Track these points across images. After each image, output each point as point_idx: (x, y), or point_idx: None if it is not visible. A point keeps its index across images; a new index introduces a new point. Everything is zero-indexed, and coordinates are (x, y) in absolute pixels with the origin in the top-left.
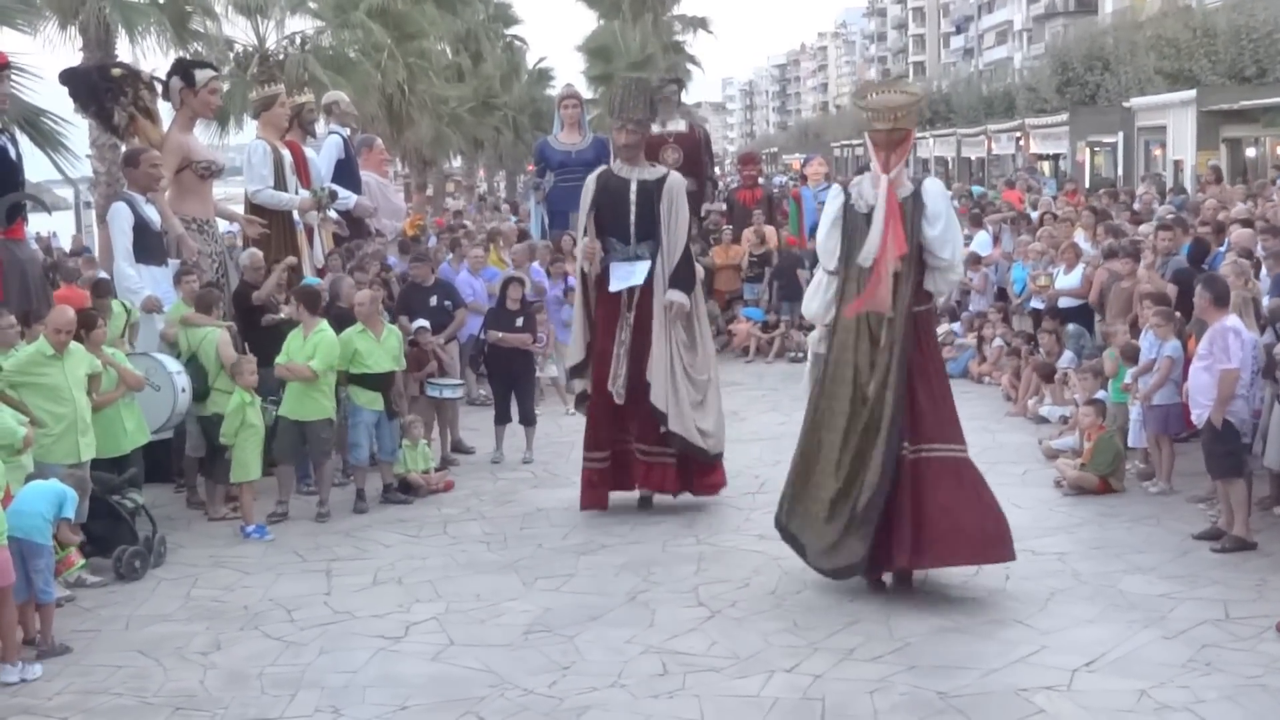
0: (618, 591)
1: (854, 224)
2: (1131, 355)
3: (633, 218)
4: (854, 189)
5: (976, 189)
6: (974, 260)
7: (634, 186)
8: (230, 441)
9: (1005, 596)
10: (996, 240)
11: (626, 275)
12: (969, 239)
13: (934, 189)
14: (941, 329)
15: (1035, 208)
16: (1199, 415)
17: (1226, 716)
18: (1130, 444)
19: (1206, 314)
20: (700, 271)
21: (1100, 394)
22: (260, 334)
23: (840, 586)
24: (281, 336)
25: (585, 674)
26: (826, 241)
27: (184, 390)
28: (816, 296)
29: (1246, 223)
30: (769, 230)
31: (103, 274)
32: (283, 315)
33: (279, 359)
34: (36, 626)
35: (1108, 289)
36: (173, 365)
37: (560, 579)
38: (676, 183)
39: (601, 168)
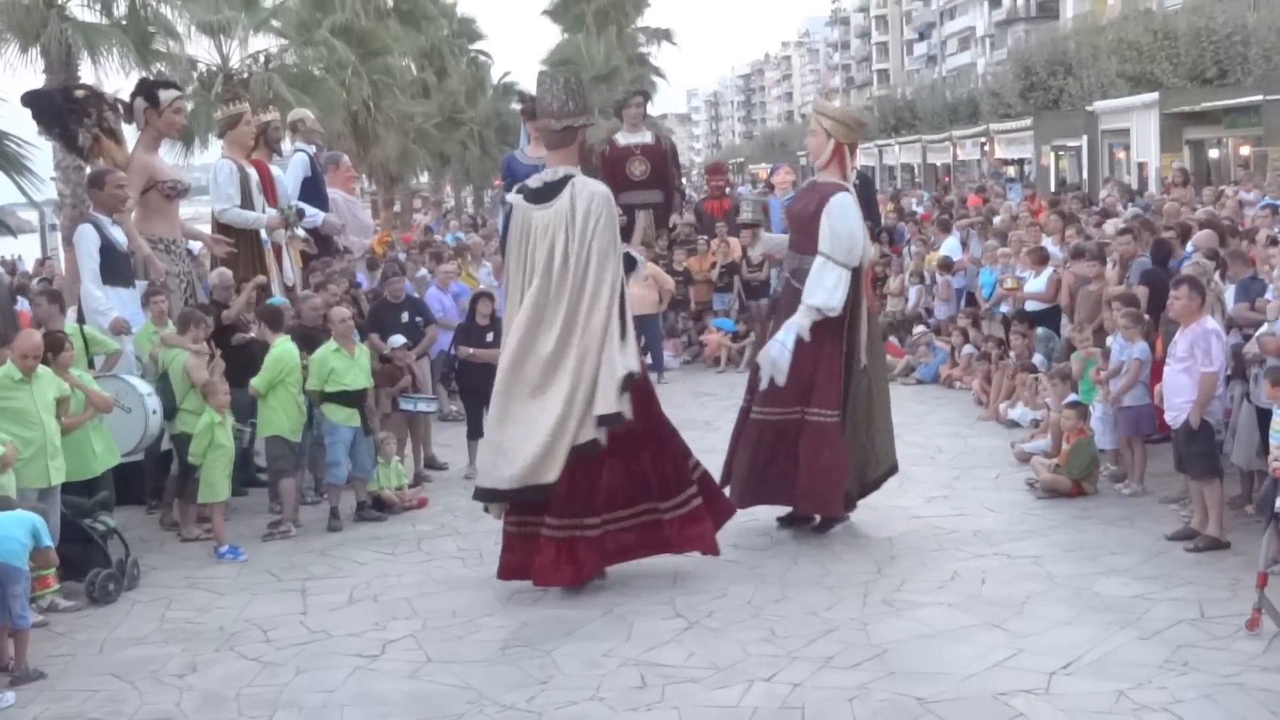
0: (594, 605)
1: None
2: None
3: None
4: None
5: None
6: (944, 265)
7: None
8: (199, 462)
9: (981, 601)
10: (965, 246)
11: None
12: (938, 245)
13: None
14: (918, 330)
15: (996, 213)
16: (1174, 417)
17: (1205, 715)
18: (1099, 446)
19: (1184, 316)
20: (670, 282)
21: (1072, 396)
22: (231, 354)
23: (818, 595)
24: (252, 355)
25: (564, 688)
26: (861, 241)
27: (155, 412)
28: (837, 291)
29: (1208, 224)
30: (733, 241)
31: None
32: (253, 334)
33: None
34: (10, 653)
35: (1075, 291)
36: (144, 387)
37: (536, 594)
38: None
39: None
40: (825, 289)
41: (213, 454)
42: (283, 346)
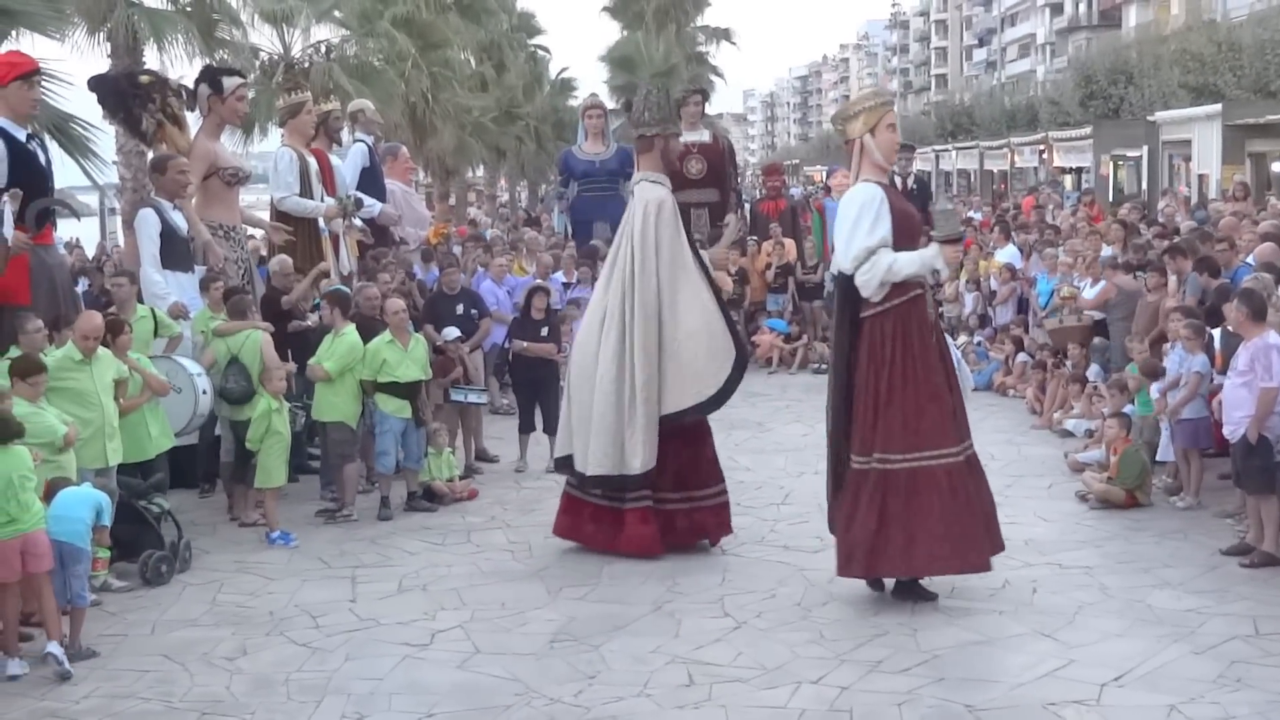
0: (643, 601)
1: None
2: (1152, 373)
3: None
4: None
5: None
6: (1009, 273)
7: None
8: (256, 447)
9: (1032, 610)
10: (1026, 254)
11: None
12: (994, 252)
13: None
14: (960, 340)
15: (1050, 222)
16: (1232, 431)
17: None
18: (1159, 458)
19: (1244, 329)
20: (729, 283)
21: (1128, 408)
22: (287, 340)
23: (866, 598)
24: (308, 343)
25: (611, 684)
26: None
27: (205, 392)
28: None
29: (1269, 236)
30: (788, 242)
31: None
32: (310, 323)
33: (312, 360)
34: (65, 630)
35: (1116, 301)
36: (193, 368)
37: (585, 588)
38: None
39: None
40: (873, 282)
41: (269, 440)
42: (354, 333)
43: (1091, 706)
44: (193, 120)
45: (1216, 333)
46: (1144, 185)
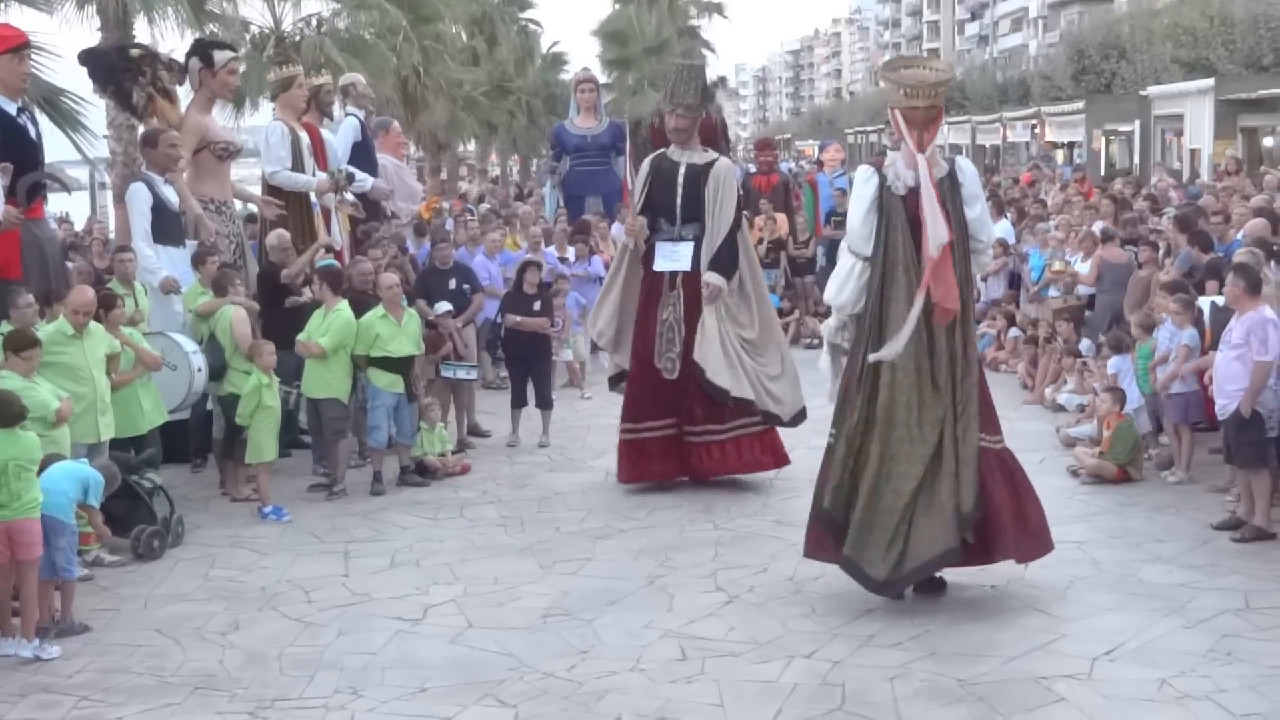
0: (636, 576)
1: (891, 207)
2: (1148, 327)
3: (679, 200)
4: (889, 170)
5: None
6: (1002, 247)
7: (682, 170)
8: (246, 423)
9: (1024, 584)
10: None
11: (670, 256)
12: None
13: (969, 168)
14: None
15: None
16: (1224, 405)
17: (1248, 706)
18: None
19: (1239, 303)
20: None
21: (1130, 388)
22: (283, 316)
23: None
24: (304, 319)
25: (604, 658)
26: (863, 226)
27: (200, 370)
28: (848, 284)
29: (1260, 212)
30: (780, 217)
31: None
32: (306, 299)
33: (300, 336)
34: (57, 605)
35: (1105, 275)
36: (189, 345)
37: (578, 563)
38: (724, 168)
39: (657, 151)
40: (836, 280)
41: (260, 415)
42: (347, 310)
43: (1083, 680)
44: (184, 94)
45: (1206, 307)
46: (1136, 160)
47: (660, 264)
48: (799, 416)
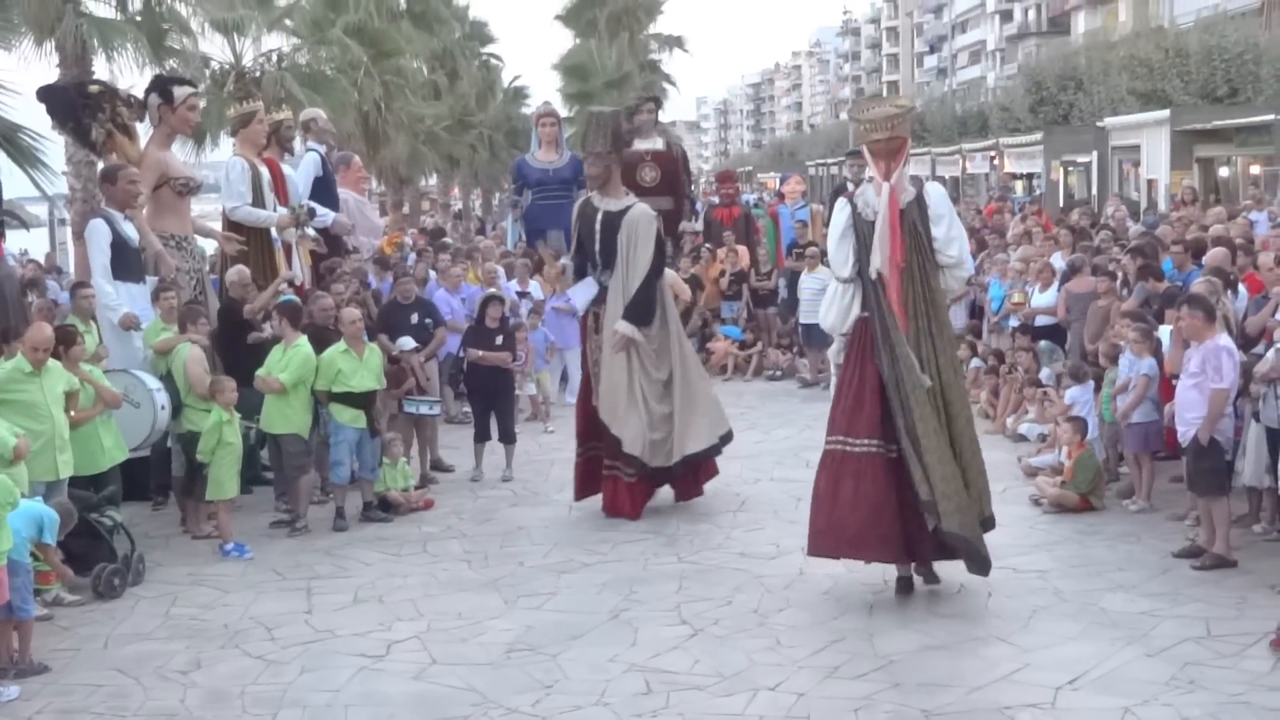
0: (600, 610)
1: (864, 232)
2: (1113, 357)
3: (597, 246)
4: (859, 199)
5: None
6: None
7: (599, 217)
8: (207, 459)
9: (988, 614)
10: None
11: (580, 298)
12: None
13: (935, 191)
14: None
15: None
16: (1185, 433)
17: None
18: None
19: (1197, 333)
20: (686, 290)
21: (1089, 417)
22: (244, 352)
23: (823, 604)
24: (265, 355)
25: (568, 693)
26: (838, 251)
27: (163, 408)
28: (833, 307)
29: (1220, 241)
30: (741, 249)
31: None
32: (267, 334)
33: (259, 371)
34: (15, 645)
35: (1073, 306)
36: (152, 382)
37: (542, 597)
38: (638, 215)
39: (584, 194)
40: (824, 304)
41: (221, 452)
42: (306, 345)
43: (1047, 710)
44: (143, 130)
45: (1165, 336)
46: (1094, 191)
47: (581, 306)
48: (724, 439)
